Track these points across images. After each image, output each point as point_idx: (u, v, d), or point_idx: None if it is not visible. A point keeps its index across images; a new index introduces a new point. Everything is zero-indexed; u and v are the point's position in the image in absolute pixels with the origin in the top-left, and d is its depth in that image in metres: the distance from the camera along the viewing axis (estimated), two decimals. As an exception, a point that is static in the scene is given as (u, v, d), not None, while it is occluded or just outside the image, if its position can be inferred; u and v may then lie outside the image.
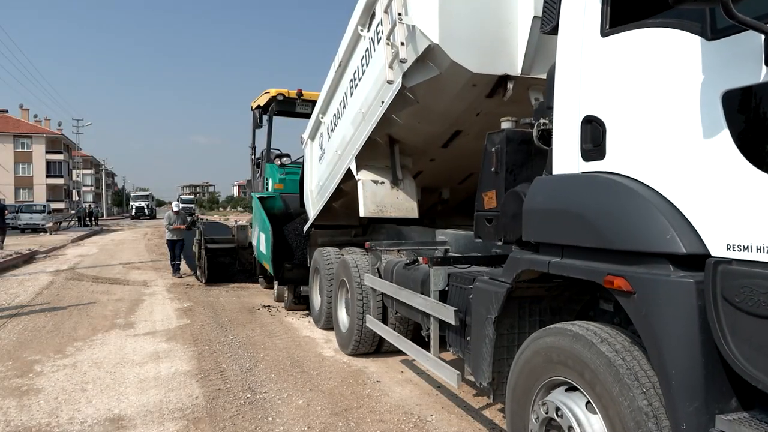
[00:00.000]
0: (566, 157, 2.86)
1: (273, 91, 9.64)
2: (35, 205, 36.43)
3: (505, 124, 3.60)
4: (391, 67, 4.60)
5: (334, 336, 6.83)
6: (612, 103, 2.58)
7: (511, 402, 3.07)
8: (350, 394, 5.01)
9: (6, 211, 21.44)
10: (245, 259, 11.95)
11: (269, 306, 9.25)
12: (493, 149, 3.56)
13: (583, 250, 2.65)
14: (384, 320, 5.60)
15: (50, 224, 31.62)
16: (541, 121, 3.22)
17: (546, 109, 3.17)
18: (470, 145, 5.48)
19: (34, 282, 12.07)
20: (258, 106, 9.99)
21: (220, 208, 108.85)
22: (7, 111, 66.06)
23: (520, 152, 3.47)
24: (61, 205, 58.89)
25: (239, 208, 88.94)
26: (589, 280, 2.64)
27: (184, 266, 13.33)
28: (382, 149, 5.86)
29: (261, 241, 9.05)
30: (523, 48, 4.11)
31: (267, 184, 9.93)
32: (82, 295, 10.30)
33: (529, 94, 4.32)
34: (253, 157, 11.21)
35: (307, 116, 8.41)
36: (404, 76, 4.54)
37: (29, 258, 17.01)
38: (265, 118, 10.00)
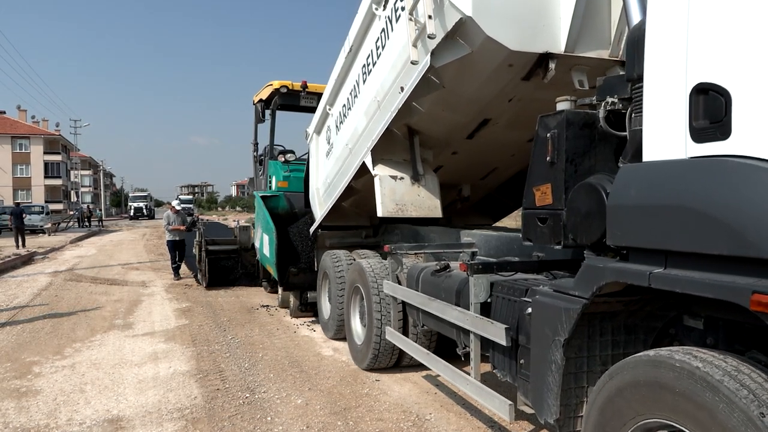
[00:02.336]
0: (665, 138, 2.29)
1: (276, 84, 9.10)
2: (34, 206, 36.38)
3: (562, 105, 3.06)
4: (415, 45, 4.08)
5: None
6: (741, 66, 1.99)
7: None
8: (349, 393, 5.00)
9: (24, 215, 22.85)
10: (248, 261, 11.41)
11: (268, 306, 9.22)
12: (548, 135, 2.99)
13: (700, 258, 2.08)
14: (404, 332, 5.07)
15: (49, 225, 31.58)
16: (609, 99, 2.77)
17: (626, 81, 2.68)
18: (498, 136, 5.14)
19: (32, 283, 12.04)
20: (260, 100, 9.45)
21: (219, 208, 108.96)
22: (4, 112, 66.06)
23: (582, 138, 2.92)
24: (59, 206, 58.88)
25: (238, 208, 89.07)
26: (692, 296, 2.12)
27: (183, 268, 13.27)
28: (400, 141, 5.31)
29: (264, 244, 8.53)
30: (568, 21, 3.60)
31: (270, 183, 9.46)
32: (81, 296, 10.27)
33: (572, 75, 3.83)
34: (255, 154, 10.67)
35: (312, 110, 7.91)
36: (432, 54, 3.98)
37: (28, 259, 16.98)
38: (267, 112, 9.50)
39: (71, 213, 48.56)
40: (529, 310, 3.01)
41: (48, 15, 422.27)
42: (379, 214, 5.19)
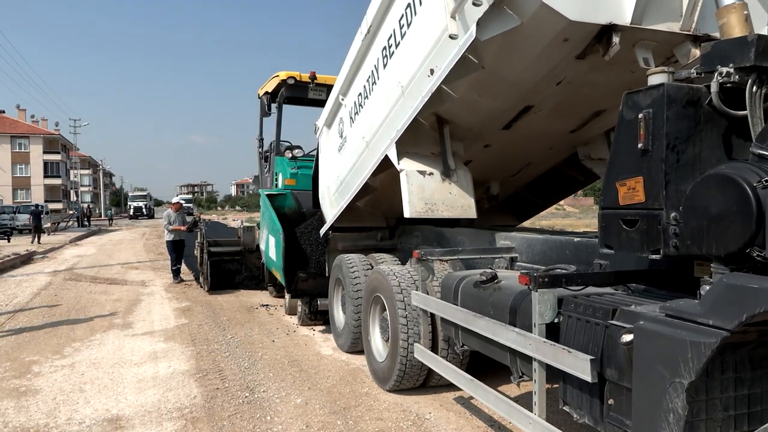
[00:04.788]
0: None
1: (283, 74, 8.54)
2: (33, 205, 36.37)
3: (658, 78, 2.48)
4: (453, 17, 3.56)
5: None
6: None
7: None
8: (348, 392, 5.00)
9: (42, 214, 26.25)
10: (252, 263, 10.88)
11: (267, 305, 9.21)
12: (640, 116, 2.44)
13: None
14: (433, 349, 4.48)
15: (48, 225, 31.57)
16: (722, 70, 2.26)
17: (748, 45, 2.22)
18: (538, 127, 4.67)
19: (32, 283, 12.03)
20: (266, 93, 8.90)
21: (218, 208, 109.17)
22: (4, 111, 66.07)
23: (685, 118, 2.38)
24: (59, 206, 58.94)
25: (237, 208, 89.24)
26: None
27: (184, 268, 13.08)
28: (426, 133, 4.75)
29: (270, 246, 7.95)
30: None
31: (276, 180, 8.93)
32: (80, 296, 10.27)
33: (635, 52, 3.34)
34: (260, 150, 10.02)
35: (322, 103, 7.47)
36: (477, 24, 3.41)
37: (27, 259, 16.96)
38: (273, 105, 8.88)
39: (71, 212, 48.67)
40: (627, 338, 2.36)
41: (46, 14, 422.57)
42: (407, 214, 4.57)
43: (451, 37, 3.63)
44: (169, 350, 6.47)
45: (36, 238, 23.49)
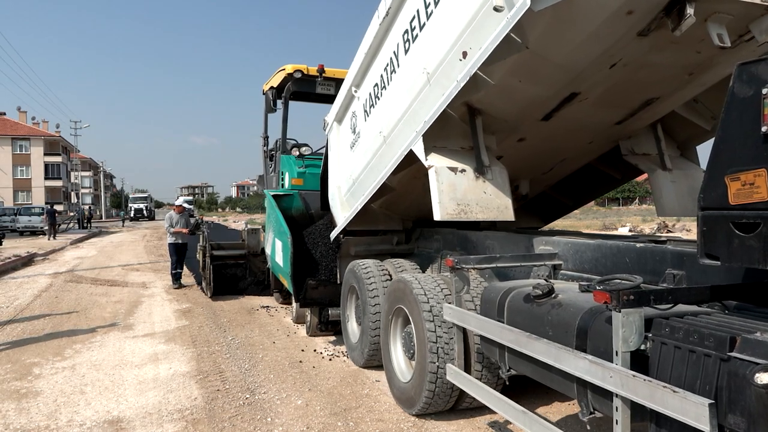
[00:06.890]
0: None
1: (289, 68, 8.07)
2: (34, 207, 36.42)
3: None
4: None
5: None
6: None
7: None
8: (349, 393, 5.00)
9: (57, 214, 29.00)
10: (256, 267, 10.44)
11: (268, 306, 9.23)
12: (764, 91, 2.01)
13: None
14: (465, 368, 3.97)
15: (46, 227, 31.59)
16: None
17: None
18: (581, 117, 4.21)
19: (32, 284, 12.05)
20: (271, 88, 8.40)
21: (219, 209, 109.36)
22: (5, 113, 66.26)
23: None
24: (59, 207, 59.04)
25: (238, 209, 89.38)
26: None
27: (186, 271, 12.99)
28: (456, 125, 4.28)
29: (276, 250, 7.53)
30: None
31: (283, 180, 8.49)
32: (81, 297, 10.28)
33: (707, 27, 2.90)
34: (265, 148, 9.50)
35: (330, 99, 7.04)
36: None
37: (28, 260, 16.97)
38: (279, 101, 8.38)
39: (71, 214, 48.75)
40: (765, 379, 1.87)
41: (47, 16, 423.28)
42: (437, 216, 4.10)
43: (495, 9, 3.13)
44: (169, 352, 6.47)
45: (52, 235, 26.68)
